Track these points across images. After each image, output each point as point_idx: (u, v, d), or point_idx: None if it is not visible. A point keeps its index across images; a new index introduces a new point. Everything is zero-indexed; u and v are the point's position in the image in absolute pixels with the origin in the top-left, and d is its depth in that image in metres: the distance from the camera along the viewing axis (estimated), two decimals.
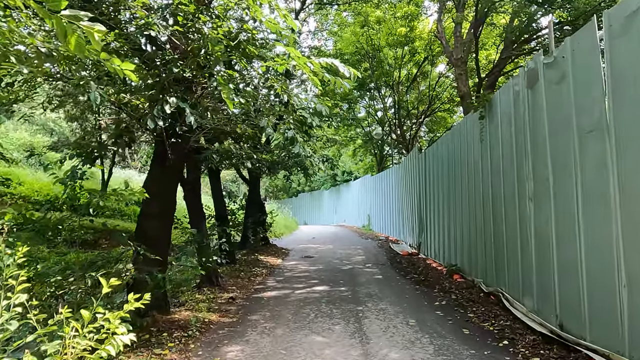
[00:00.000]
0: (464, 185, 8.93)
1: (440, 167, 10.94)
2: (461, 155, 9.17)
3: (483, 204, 7.76)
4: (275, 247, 15.52)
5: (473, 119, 8.31)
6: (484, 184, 7.70)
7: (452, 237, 9.92)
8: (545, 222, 5.42)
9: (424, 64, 18.72)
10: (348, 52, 20.06)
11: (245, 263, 11.67)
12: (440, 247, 11.08)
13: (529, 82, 5.81)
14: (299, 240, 19.48)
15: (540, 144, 5.52)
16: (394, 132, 21.59)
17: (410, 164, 15.35)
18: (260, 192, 15.67)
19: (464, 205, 9.02)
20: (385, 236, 20.26)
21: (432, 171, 11.96)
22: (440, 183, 11.04)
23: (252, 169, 11.95)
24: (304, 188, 43.24)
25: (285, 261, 12.92)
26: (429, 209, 12.45)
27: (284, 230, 24.89)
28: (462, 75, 10.44)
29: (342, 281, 9.41)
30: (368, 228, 24.76)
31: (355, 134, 27.29)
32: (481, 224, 7.87)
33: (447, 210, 10.38)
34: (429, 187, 12.29)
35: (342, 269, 11.12)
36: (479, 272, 8.09)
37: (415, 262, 11.99)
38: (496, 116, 7.11)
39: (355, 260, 12.82)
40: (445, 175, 10.46)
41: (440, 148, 11.10)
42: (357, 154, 28.61)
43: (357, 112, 26.55)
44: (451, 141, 9.98)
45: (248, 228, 13.46)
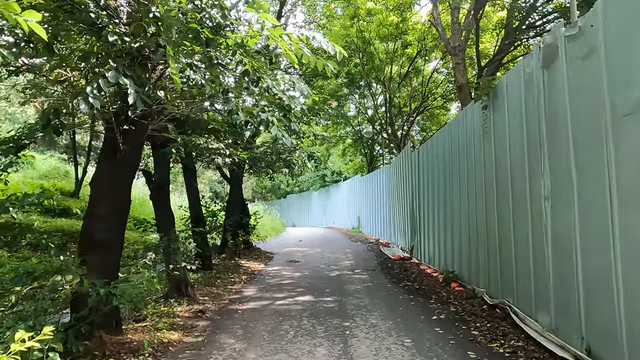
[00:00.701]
0: (463, 184, 8.08)
1: (436, 164, 10.10)
2: (459, 150, 8.33)
3: (486, 204, 6.91)
4: (258, 251, 14.57)
5: (474, 110, 7.47)
6: (487, 182, 6.85)
7: (449, 241, 9.07)
8: (566, 225, 4.57)
9: (417, 58, 17.88)
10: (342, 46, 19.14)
11: (224, 269, 10.71)
12: (435, 252, 10.23)
13: (545, 60, 4.96)
14: (285, 243, 18.55)
15: (560, 132, 4.67)
16: (385, 131, 20.73)
17: (402, 162, 14.51)
18: (242, 192, 14.70)
19: (462, 205, 8.18)
20: (376, 239, 19.41)
21: (426, 169, 11.12)
22: (435, 182, 10.20)
23: (231, 166, 11.02)
24: (292, 189, 42.30)
25: (268, 266, 11.98)
26: (422, 210, 11.61)
27: (271, 233, 23.91)
28: (460, 65, 9.61)
29: (328, 290, 8.50)
30: (358, 230, 23.90)
31: (345, 133, 26.43)
32: (483, 226, 7.02)
33: (442, 212, 9.53)
34: (423, 186, 11.45)
35: (329, 276, 10.21)
36: (480, 280, 7.23)
37: (408, 267, 11.13)
38: (502, 104, 6.27)
39: (343, 265, 11.92)
40: (441, 173, 9.61)
41: (435, 144, 10.26)
42: (347, 153, 27.73)
43: (347, 110, 25.71)
44: (448, 136, 9.14)
45: (228, 231, 12.50)
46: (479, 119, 7.17)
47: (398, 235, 15.86)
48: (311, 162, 10.89)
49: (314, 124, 17.41)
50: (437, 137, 10.24)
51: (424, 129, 21.50)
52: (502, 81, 6.34)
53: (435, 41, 16.74)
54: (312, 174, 36.33)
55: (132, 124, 4.98)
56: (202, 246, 9.84)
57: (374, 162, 25.81)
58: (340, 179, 31.70)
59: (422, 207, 11.65)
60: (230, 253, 12.14)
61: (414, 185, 12.50)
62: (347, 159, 29.64)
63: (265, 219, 26.40)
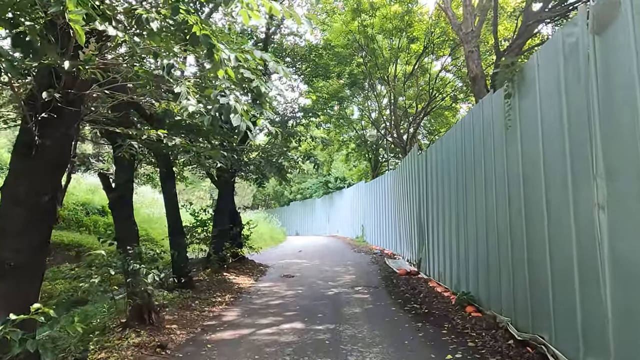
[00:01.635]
0: (480, 189, 6.83)
1: (446, 166, 8.85)
2: (475, 149, 7.10)
3: (510, 213, 5.66)
4: (251, 264, 13.35)
5: (493, 102, 6.25)
6: (512, 186, 5.60)
7: (462, 255, 7.80)
8: (632, 243, 3.32)
9: (424, 54, 16.64)
10: (339, 45, 18.06)
11: (207, 286, 9.51)
12: (446, 267, 8.95)
13: (598, 23, 3.74)
14: (282, 255, 17.31)
15: (621, 119, 3.44)
16: (390, 134, 19.46)
17: (408, 166, 13.27)
18: (234, 200, 13.52)
19: (479, 214, 6.93)
20: (380, 249, 18.13)
21: (435, 173, 9.87)
22: (446, 187, 8.95)
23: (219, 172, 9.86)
24: (295, 196, 41.10)
25: (259, 282, 10.76)
26: (431, 219, 10.35)
27: (270, 242, 22.74)
28: (473, 53, 8.40)
29: (322, 314, 7.25)
30: (362, 239, 22.62)
31: (349, 138, 25.24)
32: (506, 240, 5.76)
33: (455, 221, 8.27)
34: (432, 192, 10.20)
35: (326, 295, 8.96)
36: (503, 306, 5.96)
37: (415, 284, 9.85)
38: (532, 89, 5.03)
39: (343, 281, 10.66)
40: (453, 177, 8.37)
41: (445, 144, 9.02)
42: (351, 158, 26.49)
43: (351, 113, 24.53)
44: (460, 134, 7.91)
45: (214, 242, 11.30)
46: (499, 111, 5.94)
47: (404, 246, 14.57)
48: (307, 162, 9.70)
49: (315, 127, 16.26)
50: (448, 137, 9.01)
51: (431, 132, 20.22)
52: (532, 60, 5.10)
53: (443, 36, 15.55)
54: (315, 181, 35.13)
55: (54, 111, 3.81)
56: (179, 261, 8.67)
57: (379, 167, 24.58)
58: (343, 186, 30.47)
59: (430, 215, 10.39)
60: (216, 267, 10.92)
61: (422, 191, 11.24)
62: (351, 165, 28.42)
63: (264, 227, 25.21)
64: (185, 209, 13.18)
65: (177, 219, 8.90)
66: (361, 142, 23.07)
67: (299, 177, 38.80)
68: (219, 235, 11.28)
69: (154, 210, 18.63)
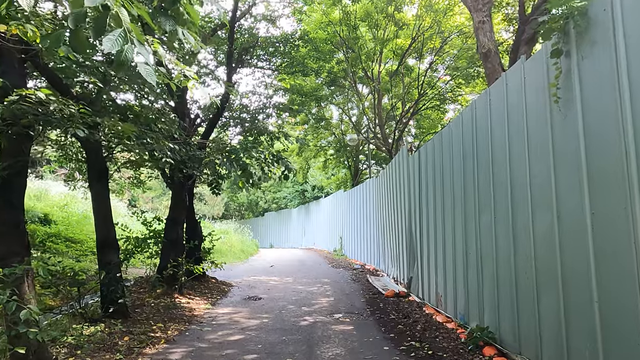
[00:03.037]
0: (502, 194, 5.17)
1: (447, 168, 7.19)
2: (493, 143, 5.46)
3: (560, 228, 3.99)
4: (212, 282, 11.38)
5: (526, 71, 4.61)
6: (564, 192, 3.93)
7: (473, 277, 6.11)
8: None
9: (414, 44, 15.03)
10: (318, 38, 16.42)
11: (149, 313, 7.55)
12: (447, 290, 7.24)
13: None
14: (251, 270, 15.35)
15: None
16: (374, 136, 17.75)
17: (395, 171, 11.61)
18: (192, 207, 11.56)
19: (500, 227, 5.25)
20: (361, 264, 16.39)
21: (430, 177, 8.21)
22: (446, 193, 7.29)
23: (162, 167, 8.02)
24: (270, 206, 39.10)
25: (218, 306, 8.83)
26: (425, 231, 8.66)
27: (240, 256, 20.72)
28: (485, 24, 6.82)
29: (291, 358, 5.41)
30: (340, 253, 20.83)
31: (327, 143, 23.54)
32: (554, 265, 4.08)
33: (460, 234, 6.59)
34: (426, 199, 8.53)
35: (299, 326, 7.12)
36: (543, 351, 4.26)
37: (408, 310, 8.11)
38: (606, 40, 3.39)
39: (320, 305, 8.84)
40: (458, 181, 6.71)
41: (446, 142, 7.37)
42: (329, 166, 24.74)
43: (330, 117, 22.86)
44: (469, 127, 6.27)
45: (166, 257, 9.34)
46: (538, 83, 4.30)
47: (389, 261, 12.87)
48: (279, 166, 7.92)
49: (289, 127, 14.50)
50: (448, 132, 7.36)
51: (416, 135, 18.65)
52: None
53: (435, 26, 14.01)
54: (291, 190, 33.26)
55: None
56: (109, 284, 6.72)
57: (359, 175, 22.92)
58: (321, 195, 28.66)
59: (424, 227, 8.71)
60: (164, 288, 8.94)
61: (413, 199, 9.57)
62: (329, 173, 26.68)
63: (235, 239, 23.19)
64: (137, 217, 11.23)
65: (108, 230, 6.93)
66: (340, 148, 21.36)
67: (274, 187, 36.90)
68: (169, 249, 9.32)
69: None
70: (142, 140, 6.25)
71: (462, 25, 14.00)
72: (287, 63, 13.93)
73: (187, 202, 10.21)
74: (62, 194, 19.24)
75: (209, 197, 34.85)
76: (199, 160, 7.58)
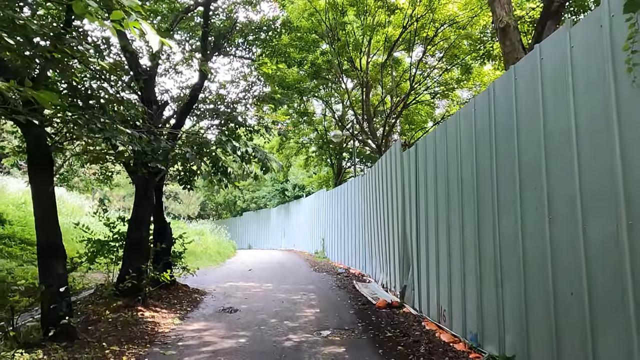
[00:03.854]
0: (531, 189, 4.24)
1: (454, 161, 6.24)
2: (519, 128, 4.52)
3: (630, 229, 3.06)
4: (183, 291, 10.21)
5: (577, 37, 3.68)
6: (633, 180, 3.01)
7: (489, 291, 5.17)
8: None
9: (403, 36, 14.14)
10: (302, 27, 15.36)
11: (104, 332, 6.36)
12: (453, 304, 6.29)
13: None
14: (228, 275, 14.20)
15: None
16: (361, 130, 16.73)
17: (385, 168, 10.65)
18: (161, 206, 10.37)
19: (529, 230, 4.32)
20: (345, 268, 15.43)
21: (431, 172, 7.26)
22: (451, 190, 6.34)
23: (121, 159, 6.88)
24: (249, 205, 37.81)
25: (187, 321, 7.69)
26: (423, 234, 7.72)
27: (216, 258, 19.50)
28: None
29: None
30: (322, 255, 19.83)
31: (309, 141, 22.48)
32: (625, 275, 3.15)
33: (471, 238, 5.65)
34: (425, 198, 7.57)
35: (282, 347, 6.05)
36: None
37: (405, 325, 7.14)
38: None
39: (305, 319, 7.80)
40: (467, 176, 5.77)
41: (451, 132, 6.42)
42: (310, 164, 23.67)
43: (312, 113, 21.79)
44: (486, 110, 5.33)
45: (128, 263, 8.15)
46: (595, 49, 3.38)
47: (377, 266, 11.93)
48: (257, 164, 6.86)
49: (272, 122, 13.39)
50: (455, 121, 6.41)
51: (403, 131, 17.70)
52: None
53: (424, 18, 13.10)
54: (271, 189, 32.08)
55: None
56: (51, 300, 5.55)
57: (342, 174, 21.94)
58: (302, 194, 27.58)
59: (422, 229, 7.76)
60: (127, 300, 7.76)
61: (409, 198, 8.62)
62: (311, 171, 25.61)
63: (211, 240, 21.94)
64: (98, 216, 9.93)
65: (51, 234, 5.73)
66: (323, 144, 20.31)
67: (253, 186, 35.65)
68: (132, 253, 8.14)
69: (69, 219, 15.01)
70: (91, 125, 5.10)
71: (454, 15, 13.16)
72: (268, 52, 12.84)
73: (153, 200, 9.02)
74: (21, 191, 17.68)
75: (184, 195, 33.42)
76: (165, 153, 6.43)
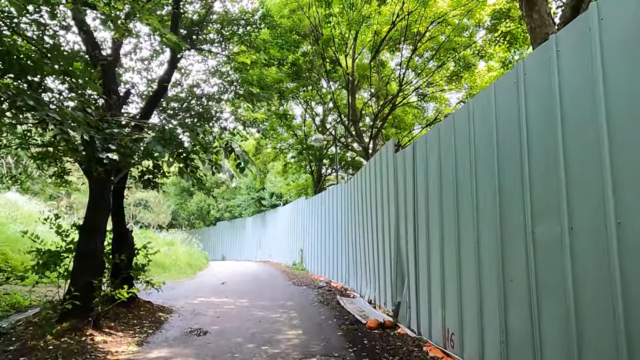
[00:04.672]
0: (586, 185, 3.34)
1: (463, 160, 5.33)
2: (564, 116, 3.63)
3: None
4: (146, 308, 8.97)
5: None
6: None
7: (518, 314, 4.24)
8: None
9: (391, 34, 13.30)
10: (284, 26, 14.43)
11: None
12: (465, 328, 5.33)
13: None
14: (199, 289, 12.95)
15: None
16: (348, 131, 15.75)
17: (374, 172, 9.72)
18: (121, 212, 9.13)
19: (580, 239, 3.41)
20: (326, 281, 14.38)
21: (434, 173, 6.34)
22: (461, 193, 5.43)
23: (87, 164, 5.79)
24: (223, 214, 36.37)
25: (145, 348, 6.49)
26: (422, 246, 6.77)
27: (187, 271, 18.15)
28: None
29: None
30: (301, 267, 18.73)
31: (288, 146, 21.44)
32: None
33: (491, 251, 4.72)
34: (425, 204, 6.64)
35: None
36: None
37: (404, 351, 6.14)
38: None
39: (286, 342, 6.70)
40: (485, 174, 4.86)
41: (461, 125, 5.52)
42: (289, 170, 22.59)
43: (292, 119, 20.78)
44: (513, 97, 4.44)
45: (78, 277, 6.90)
46: None
47: (362, 279, 10.94)
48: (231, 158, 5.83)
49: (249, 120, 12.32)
50: (465, 113, 5.52)
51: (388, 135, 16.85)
52: None
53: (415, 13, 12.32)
54: (247, 197, 30.80)
55: None
56: None
57: (322, 182, 20.96)
58: (279, 203, 26.42)
59: (422, 239, 6.81)
60: (75, 322, 6.51)
61: (404, 204, 7.68)
62: (289, 178, 24.52)
63: (181, 251, 20.55)
64: (50, 223, 8.56)
65: None
66: (303, 150, 19.27)
67: (228, 193, 34.29)
68: (84, 266, 6.91)
69: (23, 227, 13.51)
70: (20, 102, 3.97)
71: (444, 12, 12.46)
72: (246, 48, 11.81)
73: (110, 204, 7.80)
74: None
75: (155, 203, 31.79)
76: (127, 148, 5.30)
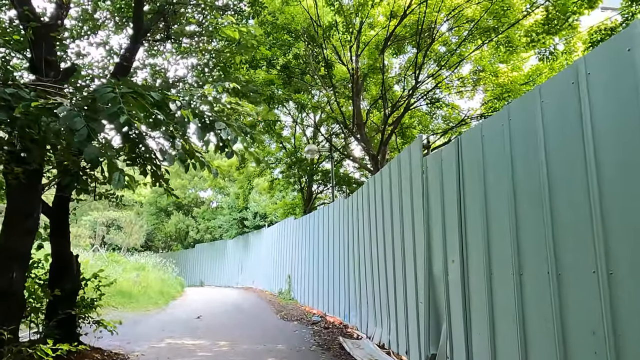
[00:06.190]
0: None
1: (533, 162, 3.48)
2: None
3: None
4: (94, 356, 6.75)
5: None
6: None
7: None
8: None
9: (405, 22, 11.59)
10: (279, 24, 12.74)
11: None
12: None
13: None
14: (169, 325, 10.69)
15: None
16: (352, 134, 13.86)
17: (392, 181, 7.83)
18: (63, 234, 6.95)
19: None
20: (321, 314, 12.27)
21: (505, 174, 4.47)
22: (553, 192, 3.55)
23: None
24: (203, 236, 33.95)
25: None
26: (475, 272, 4.83)
27: (158, 300, 15.77)
28: None
29: None
30: (289, 296, 16.55)
31: (276, 161, 19.51)
32: None
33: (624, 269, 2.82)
34: (482, 216, 4.74)
35: None
36: None
37: None
38: None
39: None
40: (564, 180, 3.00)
41: (530, 111, 3.69)
42: (276, 187, 20.57)
43: (281, 128, 18.93)
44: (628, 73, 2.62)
45: None
46: None
47: (370, 315, 8.90)
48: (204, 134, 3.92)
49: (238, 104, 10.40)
50: (537, 95, 3.69)
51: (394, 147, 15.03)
52: None
53: None
54: (228, 217, 28.55)
55: None
56: None
57: (313, 200, 18.99)
58: (264, 224, 24.27)
59: (472, 263, 4.88)
60: None
61: (441, 217, 5.76)
62: (276, 196, 22.47)
63: (152, 277, 18.15)
64: None
65: None
66: (292, 164, 17.32)
67: (208, 213, 31.99)
68: None
69: None
70: None
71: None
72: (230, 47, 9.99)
73: (37, 220, 5.66)
74: None
75: (127, 223, 29.26)
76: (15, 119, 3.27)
